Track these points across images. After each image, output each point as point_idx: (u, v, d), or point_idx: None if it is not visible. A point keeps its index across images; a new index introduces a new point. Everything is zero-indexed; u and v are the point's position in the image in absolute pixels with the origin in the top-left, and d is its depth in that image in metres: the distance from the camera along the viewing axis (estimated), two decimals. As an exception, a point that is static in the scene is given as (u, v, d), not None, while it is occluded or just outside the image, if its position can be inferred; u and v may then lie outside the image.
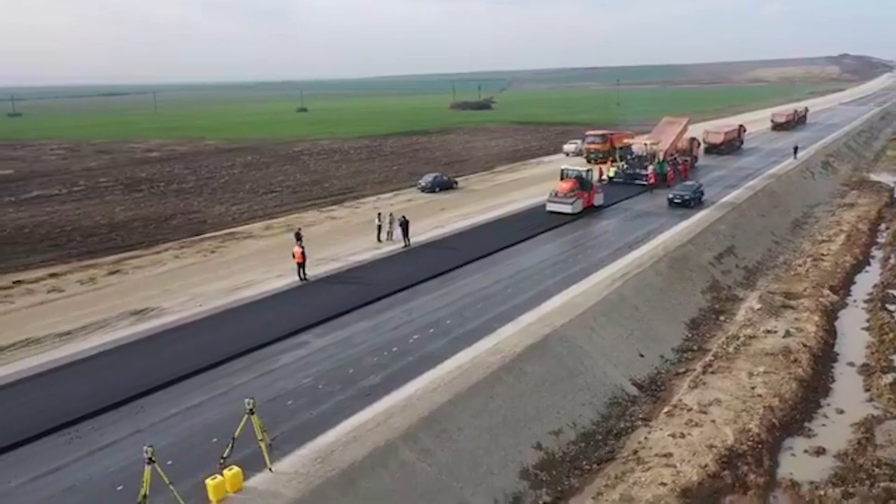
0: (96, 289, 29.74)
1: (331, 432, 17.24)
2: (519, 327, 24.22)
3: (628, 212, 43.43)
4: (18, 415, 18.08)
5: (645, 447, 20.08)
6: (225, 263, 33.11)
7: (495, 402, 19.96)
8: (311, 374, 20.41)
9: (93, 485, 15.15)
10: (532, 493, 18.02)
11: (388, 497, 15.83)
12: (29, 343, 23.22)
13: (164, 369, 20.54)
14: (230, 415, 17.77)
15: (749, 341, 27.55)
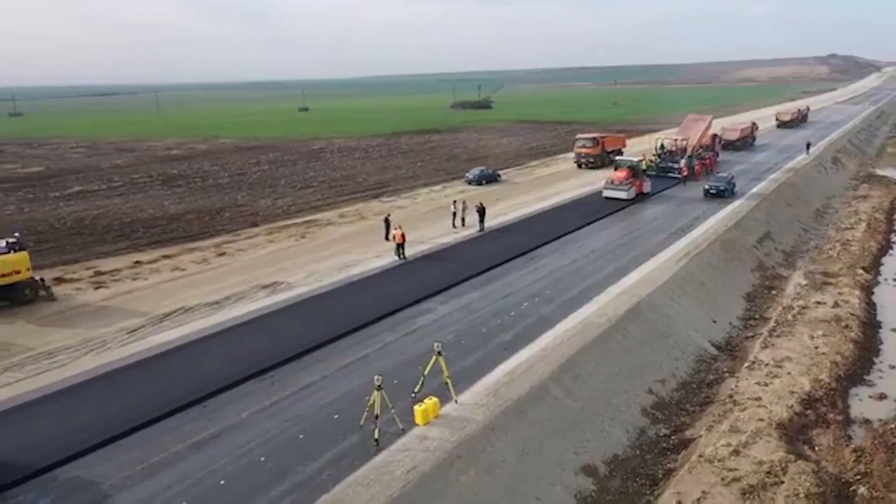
0: (213, 268, 32.86)
1: (490, 375, 20.58)
2: (610, 297, 27.62)
3: (671, 201, 47.09)
4: (218, 364, 21.27)
5: (737, 393, 23.52)
6: (320, 246, 36.31)
7: (611, 355, 23.38)
8: (450, 333, 23.72)
9: (311, 415, 18.38)
10: (652, 427, 21.44)
11: (550, 423, 19.20)
12: (185, 311, 26.35)
13: (321, 329, 23.76)
14: (395, 364, 21.18)
15: (803, 311, 31.09)
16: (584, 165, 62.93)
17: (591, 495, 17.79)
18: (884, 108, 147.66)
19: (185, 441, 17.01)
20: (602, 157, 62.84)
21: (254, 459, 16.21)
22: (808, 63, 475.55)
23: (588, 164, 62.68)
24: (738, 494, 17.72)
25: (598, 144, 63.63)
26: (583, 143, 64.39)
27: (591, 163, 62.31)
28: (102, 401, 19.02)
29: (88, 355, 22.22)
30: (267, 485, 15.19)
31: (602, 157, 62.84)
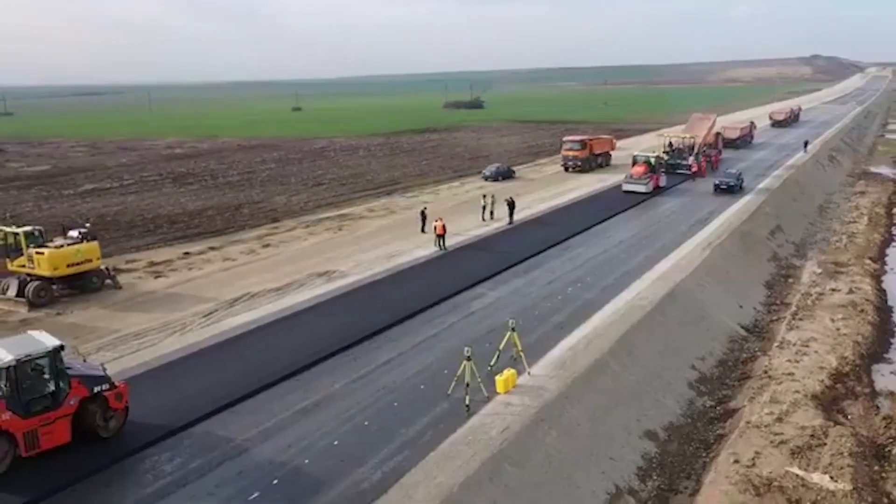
0: (262, 258, 34.48)
1: (553, 351, 22.44)
2: (646, 283, 29.57)
3: (684, 195, 49.29)
4: (299, 343, 22.95)
5: (771, 369, 25.51)
6: (360, 238, 38.01)
7: (656, 334, 25.31)
8: (506, 314, 25.42)
9: (399, 386, 20.12)
10: (699, 398, 23.39)
11: (613, 393, 21.10)
12: (251, 296, 27.97)
13: (386, 312, 25.49)
14: (463, 342, 22.80)
15: (821, 297, 33.21)
16: (572, 169, 60.74)
17: (655, 457, 19.67)
18: (870, 108, 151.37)
19: (291, 409, 18.69)
20: (590, 160, 61.33)
21: (358, 424, 17.93)
22: (792, 64, 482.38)
23: (575, 167, 60.65)
24: (788, 454, 19.65)
25: (586, 147, 61.60)
26: (570, 145, 62.14)
27: (579, 166, 60.38)
28: (205, 374, 20.65)
29: (173, 336, 23.80)
30: (377, 445, 16.90)
31: (590, 160, 61.33)
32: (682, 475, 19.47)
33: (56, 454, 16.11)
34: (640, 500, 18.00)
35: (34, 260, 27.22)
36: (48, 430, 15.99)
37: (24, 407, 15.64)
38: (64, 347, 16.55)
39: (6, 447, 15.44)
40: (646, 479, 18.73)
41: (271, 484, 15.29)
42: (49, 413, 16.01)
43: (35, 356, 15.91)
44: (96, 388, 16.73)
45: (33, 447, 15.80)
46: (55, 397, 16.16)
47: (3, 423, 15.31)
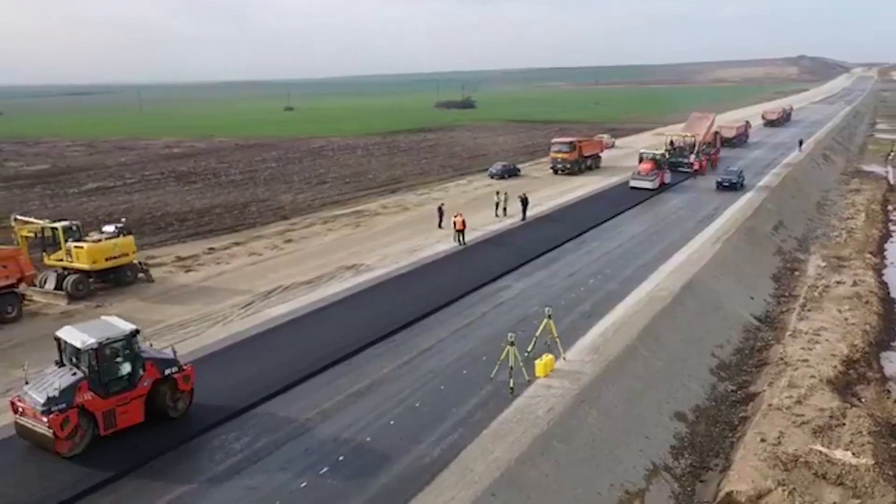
0: (287, 253, 35.37)
1: (585, 337, 23.54)
2: (663, 275, 30.73)
3: (688, 192, 50.62)
4: (341, 331, 23.91)
5: (786, 356, 26.72)
6: (379, 233, 38.97)
7: (678, 323, 26.47)
8: (534, 305, 26.59)
9: (443, 370, 21.13)
10: (721, 383, 24.56)
11: (644, 377, 22.22)
12: (284, 289, 28.88)
13: (419, 303, 26.51)
14: (497, 330, 24.04)
15: (827, 289, 34.52)
16: (561, 171, 59.64)
17: (685, 436, 20.82)
18: (858, 108, 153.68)
19: (344, 391, 19.67)
20: (579, 162, 60.45)
21: (410, 405, 18.94)
22: (779, 64, 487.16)
23: (564, 169, 59.58)
24: (810, 433, 20.83)
25: (575, 149, 60.46)
26: (558, 147, 61.02)
27: (568, 168, 59.39)
28: (255, 361, 21.56)
29: (216, 326, 24.69)
30: (431, 424, 17.92)
31: (579, 162, 60.45)
32: (712, 454, 20.62)
33: (130, 433, 16.97)
34: (675, 476, 19.11)
35: (72, 254, 27.98)
36: (124, 410, 16.90)
37: (103, 388, 16.54)
38: (139, 331, 17.44)
39: (87, 426, 16.31)
40: (679, 457, 19.86)
41: (338, 460, 16.25)
42: (125, 394, 16.92)
43: (114, 339, 16.78)
44: (167, 370, 17.64)
45: (111, 426, 16.71)
46: (131, 379, 17.06)
47: (86, 403, 16.21)
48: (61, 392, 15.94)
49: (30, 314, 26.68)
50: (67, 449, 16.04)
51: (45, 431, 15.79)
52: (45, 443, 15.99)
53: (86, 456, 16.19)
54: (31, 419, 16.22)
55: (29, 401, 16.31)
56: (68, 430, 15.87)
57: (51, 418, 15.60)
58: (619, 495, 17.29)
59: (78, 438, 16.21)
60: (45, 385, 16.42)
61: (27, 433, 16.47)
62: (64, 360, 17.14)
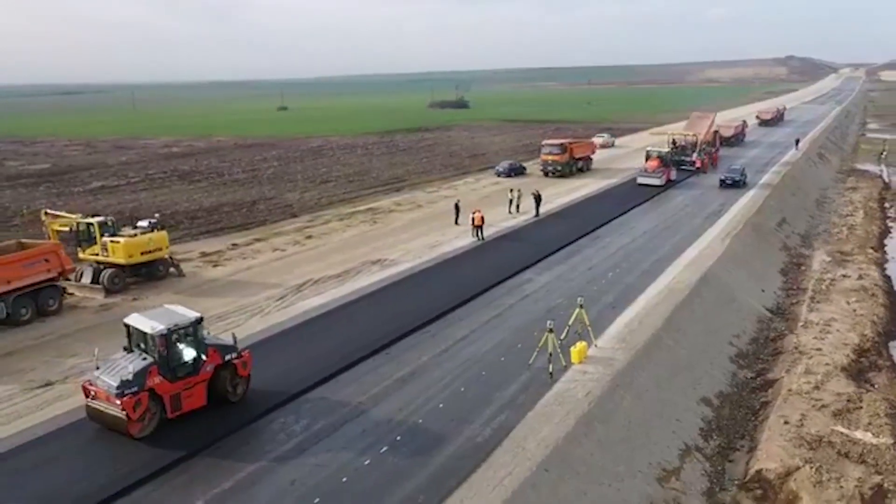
0: (310, 249, 36.21)
1: (612, 327, 24.56)
2: (679, 269, 31.81)
3: (692, 189, 51.84)
4: (376, 322, 24.81)
5: (800, 345, 27.84)
6: (397, 230, 39.86)
7: (697, 314, 27.54)
8: (559, 297, 27.61)
9: (480, 358, 22.06)
10: (740, 371, 25.65)
11: (670, 364, 23.26)
12: (314, 282, 29.75)
13: (448, 295, 27.40)
14: (527, 321, 25.06)
15: (833, 282, 35.72)
16: (552, 174, 58.47)
17: (712, 419, 21.88)
18: (848, 107, 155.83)
19: (390, 378, 20.58)
20: (570, 164, 59.48)
21: (455, 390, 19.88)
22: (768, 64, 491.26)
23: (555, 172, 58.40)
24: (830, 416, 21.94)
25: (566, 151, 59.17)
26: (549, 149, 59.79)
27: (559, 171, 58.27)
28: (299, 350, 22.46)
29: (254, 318, 25.53)
30: (478, 407, 18.86)
31: (570, 164, 59.48)
32: (737, 436, 21.69)
33: (194, 417, 17.83)
34: (706, 455, 20.15)
35: (109, 248, 28.73)
36: (189, 394, 17.75)
37: (171, 372, 17.39)
38: (203, 319, 18.28)
39: (155, 409, 17.15)
40: (708, 439, 20.91)
41: (395, 440, 17.16)
42: (190, 378, 17.76)
43: (181, 326, 17.64)
44: (227, 356, 18.49)
45: (177, 409, 17.56)
46: (195, 364, 17.90)
47: (155, 386, 17.04)
48: (134, 376, 16.75)
49: (69, 307, 27.41)
50: (138, 430, 16.84)
51: (118, 414, 16.58)
52: (118, 425, 16.77)
53: (155, 438, 16.98)
54: (103, 402, 17.00)
55: (101, 385, 17.08)
56: (140, 412, 16.69)
57: (124, 401, 16.40)
58: (658, 473, 18.29)
59: (147, 421, 17.03)
60: (116, 369, 17.21)
61: (99, 416, 17.25)
62: (132, 346, 17.87)
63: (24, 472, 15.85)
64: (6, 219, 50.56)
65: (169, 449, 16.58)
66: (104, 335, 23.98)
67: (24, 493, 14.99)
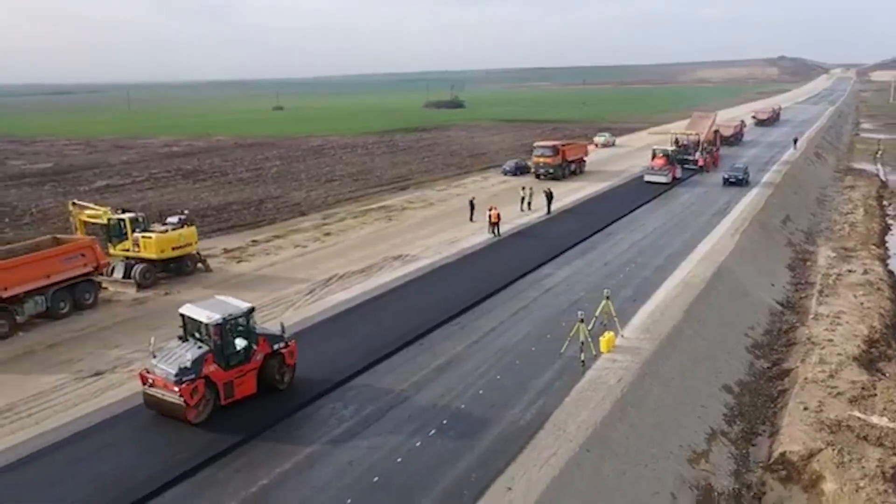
0: (330, 245, 36.99)
1: (635, 319, 25.45)
2: (692, 264, 32.75)
3: (697, 187, 52.96)
4: (407, 315, 25.63)
5: (812, 336, 28.83)
6: (413, 227, 40.69)
7: (713, 306, 28.50)
8: (581, 290, 28.51)
9: (512, 348, 22.91)
10: (757, 361, 26.62)
11: (692, 353, 24.20)
12: (339, 277, 30.53)
13: (473, 289, 28.25)
14: (552, 313, 25.99)
15: (840, 277, 36.78)
16: (543, 177, 56.56)
17: (733, 406, 22.84)
18: (841, 108, 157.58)
19: (428, 367, 21.41)
20: (563, 167, 57.59)
21: (492, 378, 20.73)
22: (759, 65, 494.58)
23: (547, 175, 56.60)
24: (846, 402, 22.92)
25: (559, 154, 57.47)
26: (541, 151, 58.28)
27: (551, 174, 56.46)
28: (334, 341, 23.24)
29: (289, 311, 26.31)
30: (516, 393, 19.72)
31: (563, 167, 57.59)
32: (758, 421, 22.66)
33: (244, 404, 18.57)
34: (731, 439, 21.09)
35: (140, 244, 29.44)
36: (241, 382, 18.49)
37: (225, 360, 18.12)
38: (255, 309, 19.05)
39: (210, 396, 17.89)
40: (731, 424, 21.87)
41: (442, 423, 18.00)
42: (242, 366, 18.48)
43: (235, 316, 18.37)
44: (276, 345, 19.23)
45: (230, 396, 18.30)
46: (247, 353, 18.61)
47: (210, 374, 17.78)
48: (192, 363, 17.45)
49: (103, 301, 28.09)
50: (194, 416, 17.52)
51: (175, 400, 17.25)
52: (175, 411, 17.45)
53: (210, 424, 17.71)
54: (160, 389, 17.67)
55: (159, 372, 17.77)
56: (196, 398, 17.40)
57: (182, 388, 17.09)
58: (688, 455, 19.21)
59: (202, 407, 17.71)
60: (173, 358, 17.91)
61: (156, 403, 17.96)
62: (187, 336, 18.60)
63: (87, 457, 16.55)
64: (16, 217, 51.05)
65: (225, 434, 17.30)
66: (143, 327, 24.77)
67: (90, 476, 15.69)
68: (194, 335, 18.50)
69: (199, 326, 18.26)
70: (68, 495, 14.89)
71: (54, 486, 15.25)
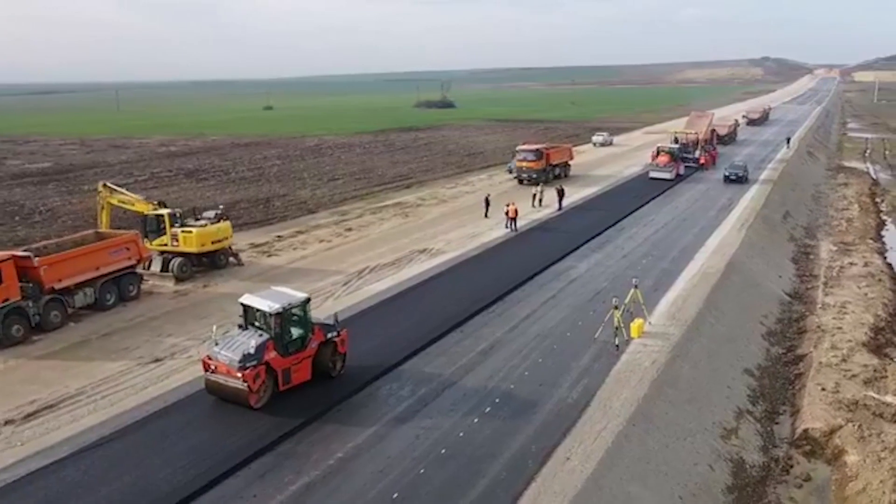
0: (354, 240, 38.12)
1: (659, 306, 26.87)
2: (706, 255, 34.28)
3: (699, 184, 54.68)
4: (444, 303, 26.82)
5: (822, 325, 30.36)
6: (431, 222, 41.94)
7: (730, 295, 29.97)
8: (604, 281, 29.89)
9: (548, 333, 24.20)
10: (772, 347, 28.08)
11: (715, 338, 25.64)
12: (371, 269, 31.73)
13: (501, 280, 29.54)
14: (580, 301, 27.35)
15: (842, 269, 38.43)
16: (527, 182, 53.96)
17: (755, 388, 24.25)
18: (827, 108, 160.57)
19: (472, 351, 22.67)
20: (546, 171, 54.95)
21: (534, 360, 22.03)
22: (743, 65, 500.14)
23: (530, 179, 53.83)
24: (861, 384, 24.43)
25: (542, 157, 54.99)
26: (524, 155, 55.56)
27: (534, 178, 53.35)
28: (378, 329, 24.24)
29: (328, 301, 27.46)
30: (560, 374, 21.03)
31: (546, 171, 54.95)
32: (779, 402, 24.09)
33: (300, 390, 19.40)
34: (756, 418, 22.50)
35: (180, 238, 30.47)
36: (297, 369, 19.33)
37: (284, 348, 18.99)
38: (310, 299, 20.14)
39: (269, 382, 18.69)
40: (755, 403, 23.28)
41: (494, 402, 19.26)
42: (299, 354, 19.36)
43: (294, 305, 19.33)
44: (329, 334, 20.19)
45: (287, 382, 19.08)
46: (304, 341, 19.54)
47: (270, 361, 18.58)
48: (255, 350, 18.30)
49: (145, 293, 29.08)
50: (255, 401, 18.29)
51: (239, 385, 17.94)
52: (239, 396, 18.18)
53: (273, 408, 18.49)
54: (223, 375, 18.44)
55: (222, 359, 18.53)
56: (259, 383, 18.21)
57: (246, 373, 17.86)
58: (720, 431, 20.61)
59: (263, 392, 18.53)
60: (236, 345, 18.71)
61: (218, 388, 18.75)
62: (247, 324, 19.48)
63: (173, 432, 17.61)
64: (26, 215, 51.67)
65: (293, 414, 18.24)
66: (191, 317, 25.93)
67: (183, 448, 16.80)
68: (253, 324, 19.34)
69: (259, 315, 19.12)
70: (168, 463, 16.01)
71: (151, 458, 16.35)
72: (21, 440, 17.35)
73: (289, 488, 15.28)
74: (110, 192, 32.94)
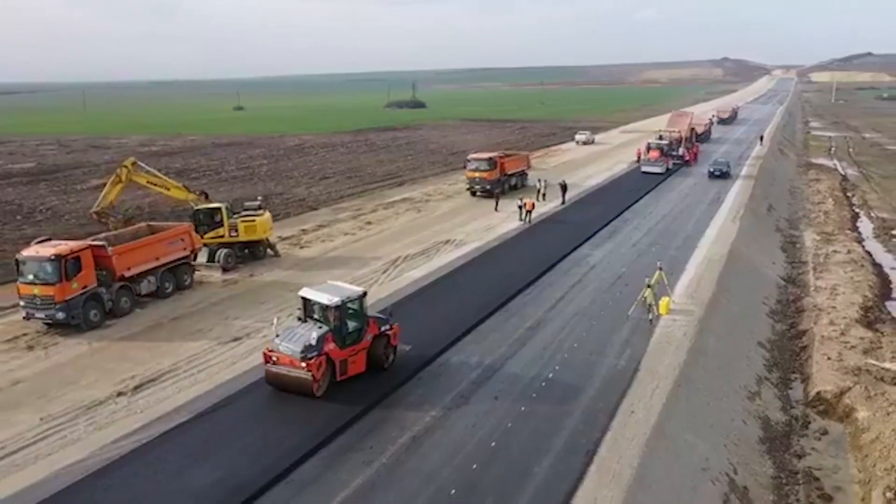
0: (377, 233, 40.20)
1: (677, 287, 29.57)
2: (708, 243, 37.18)
3: (687, 179, 57.98)
4: (484, 286, 29.16)
5: (818, 304, 33.42)
6: (444, 216, 44.19)
7: (736, 278, 32.86)
8: (621, 267, 32.49)
9: (585, 311, 26.66)
10: (777, 324, 31.02)
11: (731, 315, 28.41)
12: (403, 259, 33.89)
13: (526, 268, 31.89)
14: (603, 285, 29.85)
15: (828, 257, 41.77)
16: (480, 192, 50.33)
17: (768, 359, 27.08)
18: (789, 107, 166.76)
19: (521, 328, 25.01)
20: (501, 182, 50.75)
21: (578, 335, 24.48)
22: (704, 66, 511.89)
23: (483, 191, 50.11)
24: (861, 353, 27.41)
25: (496, 167, 50.55)
26: (476, 165, 51.05)
27: (487, 190, 49.64)
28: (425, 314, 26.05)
29: (373, 287, 29.52)
30: (604, 347, 23.48)
31: (501, 182, 50.75)
32: (789, 371, 26.93)
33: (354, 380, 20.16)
34: (773, 384, 25.30)
35: (240, 228, 32.24)
36: (353, 360, 19.90)
37: (341, 340, 19.54)
38: (367, 293, 21.46)
39: (329, 371, 19.33)
40: (770, 371, 26.08)
41: (555, 368, 21.62)
42: (355, 346, 19.91)
43: (352, 298, 20.03)
44: (383, 327, 20.82)
45: (344, 373, 19.67)
46: (359, 333, 20.09)
47: (329, 352, 19.12)
48: (317, 341, 18.74)
49: (196, 283, 30.80)
50: (316, 389, 18.78)
51: (303, 375, 18.56)
52: (302, 385, 18.71)
53: (336, 396, 19.25)
54: (285, 366, 18.99)
55: (284, 350, 19.08)
56: (321, 373, 18.80)
57: (310, 363, 18.44)
58: (746, 393, 23.31)
59: (323, 382, 19.08)
60: (297, 337, 19.24)
61: (279, 379, 19.27)
62: (306, 317, 20.41)
63: (266, 404, 19.31)
64: (27, 214, 52.43)
65: (351, 404, 18.87)
66: (250, 302, 27.90)
67: (292, 411, 18.77)
68: (312, 316, 20.07)
69: (318, 308, 19.84)
70: (286, 421, 18.06)
71: (267, 419, 18.35)
72: (139, 408, 19.15)
73: (397, 441, 17.38)
74: (137, 170, 32.95)
